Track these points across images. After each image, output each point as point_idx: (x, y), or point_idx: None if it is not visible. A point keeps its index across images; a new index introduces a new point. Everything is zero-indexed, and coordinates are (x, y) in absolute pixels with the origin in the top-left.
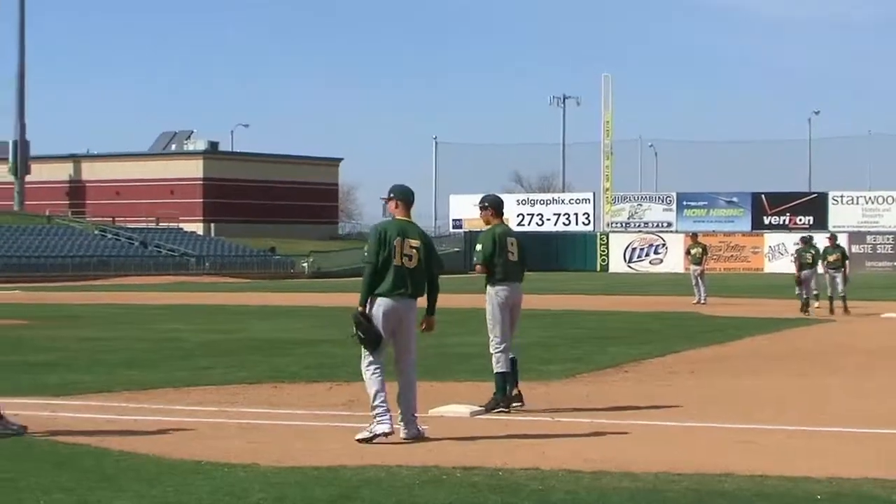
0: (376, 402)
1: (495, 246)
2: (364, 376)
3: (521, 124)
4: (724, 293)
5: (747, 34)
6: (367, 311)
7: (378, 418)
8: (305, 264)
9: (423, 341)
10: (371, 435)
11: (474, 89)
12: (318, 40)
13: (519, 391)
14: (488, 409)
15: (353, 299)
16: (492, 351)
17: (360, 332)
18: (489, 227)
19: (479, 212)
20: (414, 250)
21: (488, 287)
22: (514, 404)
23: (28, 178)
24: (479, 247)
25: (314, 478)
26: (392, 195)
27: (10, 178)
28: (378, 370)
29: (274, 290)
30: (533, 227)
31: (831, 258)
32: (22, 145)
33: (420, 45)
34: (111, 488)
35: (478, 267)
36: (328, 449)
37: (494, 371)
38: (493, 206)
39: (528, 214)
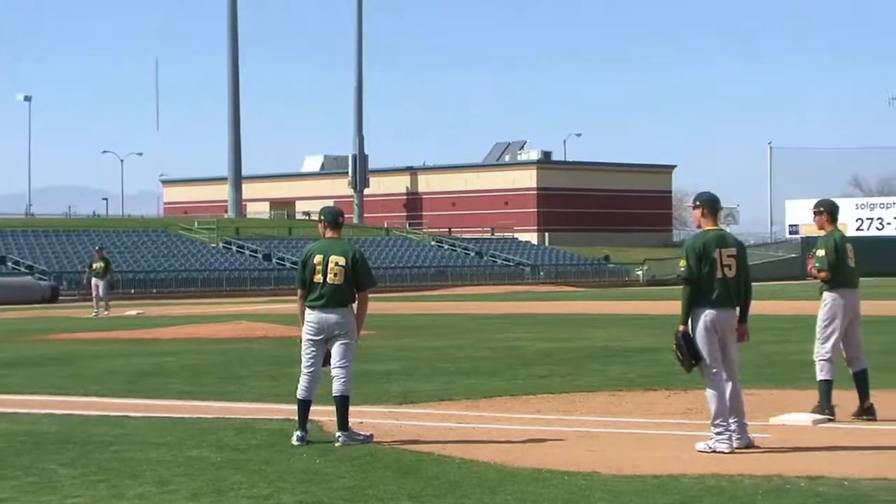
0: (717, 421)
1: (837, 252)
2: (706, 393)
3: (859, 126)
4: None
5: None
6: (688, 330)
7: (718, 437)
8: (640, 272)
9: (764, 349)
10: (711, 451)
11: (808, 92)
12: (653, 51)
13: (871, 404)
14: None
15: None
16: (816, 358)
17: (678, 352)
18: (828, 232)
19: (813, 217)
20: (732, 259)
21: (825, 293)
22: (864, 417)
23: (367, 191)
24: (821, 252)
25: (655, 486)
26: (698, 203)
27: (350, 192)
28: (717, 387)
29: (609, 298)
30: (872, 232)
31: None
32: (360, 159)
33: (749, 51)
34: (454, 495)
35: (822, 273)
36: (668, 457)
37: (818, 379)
38: (828, 211)
39: (867, 219)
